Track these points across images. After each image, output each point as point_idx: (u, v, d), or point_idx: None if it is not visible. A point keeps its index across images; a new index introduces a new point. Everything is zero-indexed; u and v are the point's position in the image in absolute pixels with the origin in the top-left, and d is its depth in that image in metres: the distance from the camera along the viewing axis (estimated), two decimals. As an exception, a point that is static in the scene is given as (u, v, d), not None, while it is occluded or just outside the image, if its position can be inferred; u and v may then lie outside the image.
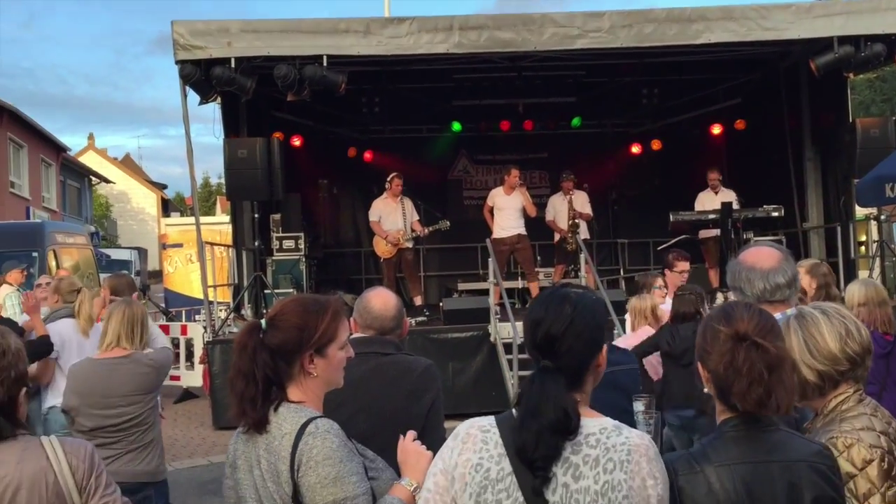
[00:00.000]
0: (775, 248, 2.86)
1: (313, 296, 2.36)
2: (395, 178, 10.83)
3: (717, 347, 1.92)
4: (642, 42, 9.05)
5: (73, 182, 34.48)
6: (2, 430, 2.11)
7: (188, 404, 10.64)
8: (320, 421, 2.10)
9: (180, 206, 55.59)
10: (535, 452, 1.76)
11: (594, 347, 1.88)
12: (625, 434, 1.79)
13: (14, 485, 2.08)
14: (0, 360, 2.11)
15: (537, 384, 1.82)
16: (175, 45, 8.81)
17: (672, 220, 10.58)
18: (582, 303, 1.89)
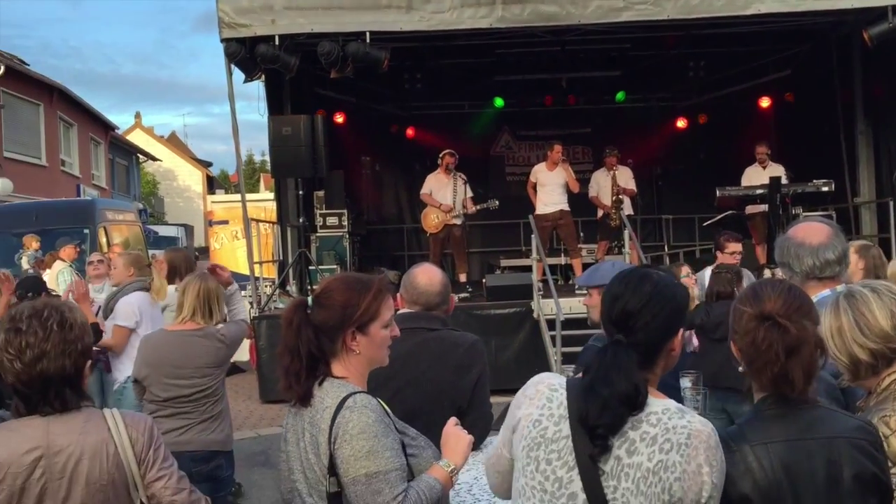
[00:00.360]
0: (825, 224, 2.81)
1: (358, 274, 2.41)
2: (446, 156, 10.77)
3: (742, 326, 1.92)
4: (689, 14, 8.88)
5: (122, 160, 35.10)
6: (68, 400, 2.18)
7: (235, 378, 10.83)
8: (359, 396, 2.15)
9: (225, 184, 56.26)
10: (598, 419, 1.77)
11: (670, 329, 1.88)
12: (687, 418, 1.79)
13: (77, 454, 2.14)
14: (68, 333, 2.16)
15: (609, 355, 1.82)
16: (220, 23, 8.89)
17: (718, 196, 10.39)
18: (663, 283, 1.89)
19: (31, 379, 2.12)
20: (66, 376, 2.16)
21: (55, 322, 2.16)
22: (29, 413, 2.17)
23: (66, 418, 2.17)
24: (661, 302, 1.85)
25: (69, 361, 2.15)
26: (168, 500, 2.26)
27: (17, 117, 24.07)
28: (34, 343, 2.12)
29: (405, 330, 3.12)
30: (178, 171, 47.56)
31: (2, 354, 2.13)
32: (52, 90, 25.96)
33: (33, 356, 2.11)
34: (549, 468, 1.84)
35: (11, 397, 3.73)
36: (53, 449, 2.13)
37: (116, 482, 2.19)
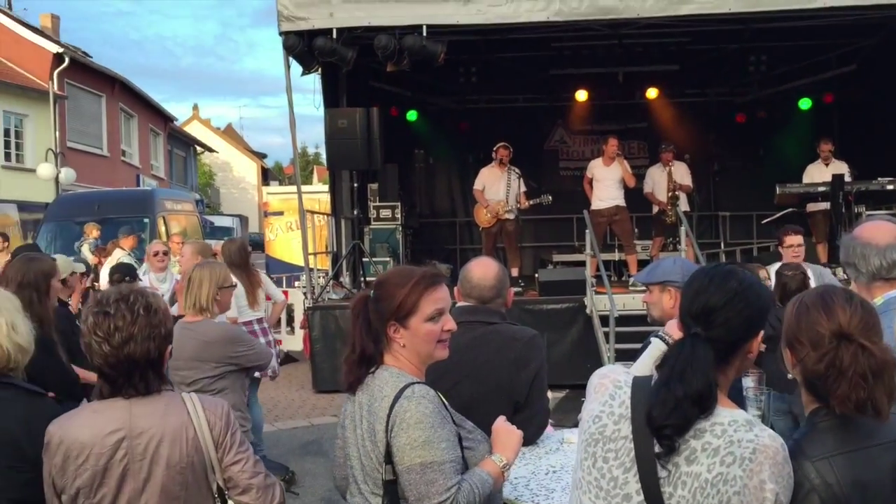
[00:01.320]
0: (893, 223, 2.72)
1: (408, 267, 2.40)
2: (500, 148, 10.71)
3: (818, 342, 1.82)
4: (753, 7, 8.69)
5: (180, 151, 35.82)
6: (151, 383, 2.24)
7: (289, 367, 10.99)
8: (417, 386, 2.16)
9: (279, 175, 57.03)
10: (668, 419, 1.71)
11: (751, 329, 1.81)
12: (755, 432, 1.71)
13: (158, 436, 2.20)
14: (153, 317, 2.23)
15: (688, 349, 1.77)
16: (279, 16, 8.99)
17: (779, 193, 10.17)
18: (749, 281, 1.84)
19: (118, 361, 2.18)
20: (151, 359, 2.22)
21: (141, 306, 2.22)
22: (112, 395, 2.23)
23: (147, 401, 2.23)
24: (745, 300, 1.80)
25: (154, 345, 2.21)
26: (244, 484, 2.30)
27: (80, 108, 24.74)
28: (122, 326, 2.18)
29: (463, 323, 3.12)
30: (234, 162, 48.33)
31: (90, 337, 2.19)
32: (113, 82, 26.60)
33: (121, 339, 2.17)
34: (605, 466, 1.82)
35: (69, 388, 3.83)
36: (136, 431, 2.19)
37: (195, 465, 2.24)
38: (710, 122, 13.66)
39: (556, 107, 13.85)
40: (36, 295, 3.78)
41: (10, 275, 3.86)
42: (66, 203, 15.15)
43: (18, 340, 2.47)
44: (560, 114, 14.16)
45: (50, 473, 2.21)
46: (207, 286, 4.19)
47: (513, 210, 10.63)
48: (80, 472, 2.16)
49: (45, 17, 28.32)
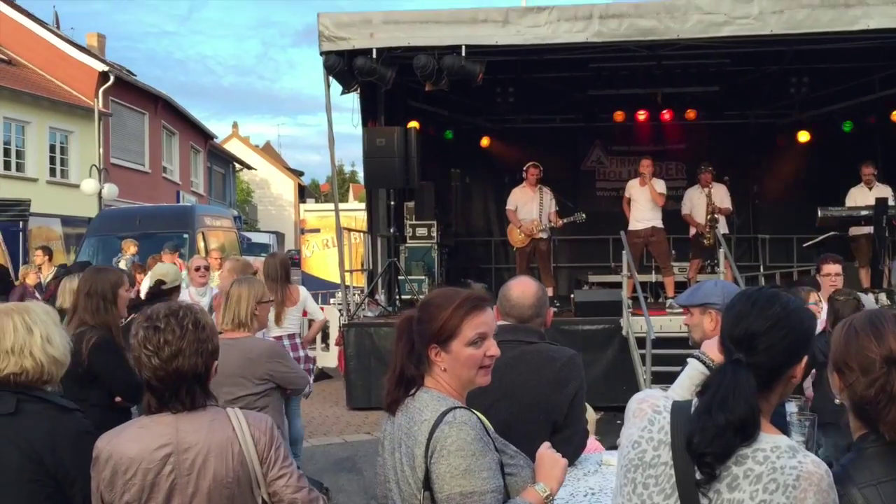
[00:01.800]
0: None
1: (450, 289, 2.34)
2: (530, 168, 10.73)
3: (868, 367, 1.79)
4: (794, 29, 8.62)
5: (219, 168, 36.36)
6: (197, 398, 2.27)
7: (323, 384, 11.04)
8: (459, 411, 2.09)
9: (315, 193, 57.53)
10: (709, 446, 1.69)
11: (794, 354, 1.79)
12: (798, 458, 1.68)
13: (205, 452, 2.22)
14: (201, 332, 2.27)
15: (729, 376, 1.75)
16: (321, 36, 9.11)
17: (820, 216, 10.02)
18: (792, 306, 1.82)
19: (166, 375, 2.22)
20: (198, 374, 2.25)
21: (190, 322, 2.26)
22: (159, 410, 2.26)
23: (194, 416, 2.26)
24: (789, 325, 1.77)
25: (201, 360, 2.25)
26: (289, 499, 2.32)
27: (123, 125, 25.26)
28: (171, 340, 2.22)
29: (502, 342, 3.12)
30: (272, 179, 48.87)
31: (140, 350, 2.23)
32: (156, 100, 27.12)
33: (170, 353, 2.21)
34: (645, 492, 1.80)
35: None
36: (183, 446, 2.21)
37: (241, 480, 2.25)
38: (750, 143, 13.53)
39: (594, 127, 13.84)
40: (103, 303, 4.00)
41: (80, 285, 4.09)
42: (108, 218, 15.44)
43: (53, 353, 2.49)
44: (597, 134, 14.15)
45: (98, 488, 2.23)
46: (246, 302, 4.23)
47: (546, 229, 10.61)
48: (127, 487, 2.19)
49: (92, 37, 29.03)
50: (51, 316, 2.59)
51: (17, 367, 2.41)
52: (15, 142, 21.35)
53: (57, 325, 2.58)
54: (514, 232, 10.82)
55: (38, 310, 2.57)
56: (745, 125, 13.63)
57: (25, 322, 2.47)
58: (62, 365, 2.52)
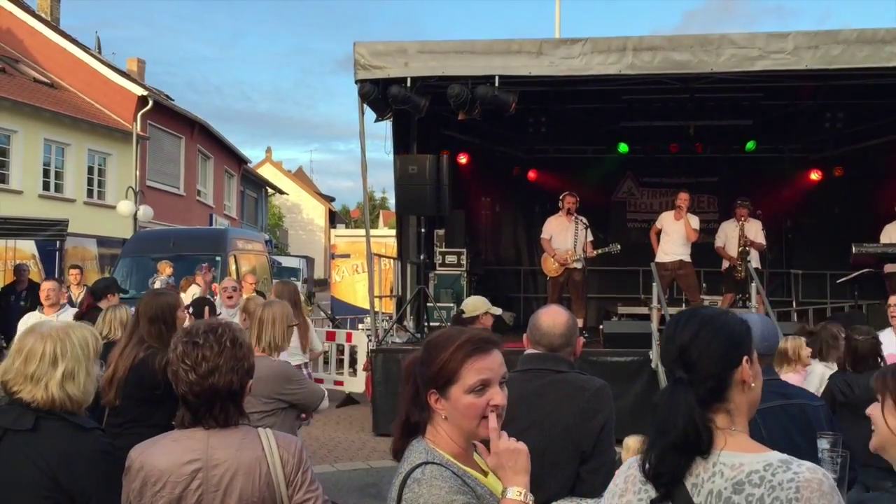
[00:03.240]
0: None
1: (455, 328, 2.16)
2: (566, 197, 10.71)
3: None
4: (829, 64, 8.59)
5: (251, 192, 36.81)
6: (230, 416, 2.30)
7: (350, 409, 11.05)
8: (429, 467, 1.92)
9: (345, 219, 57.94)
10: (660, 466, 1.76)
11: (729, 357, 1.82)
12: (793, 469, 1.68)
13: (233, 470, 2.25)
14: (238, 350, 2.31)
15: (668, 395, 1.81)
16: (356, 65, 9.25)
17: (854, 252, 9.90)
18: (712, 313, 1.88)
19: (202, 390, 2.26)
20: (233, 391, 2.29)
21: (228, 339, 2.31)
22: (193, 425, 2.30)
23: (225, 433, 2.29)
24: (712, 330, 1.83)
25: (236, 377, 2.29)
26: None
27: (160, 149, 25.71)
28: (209, 356, 2.26)
29: (531, 371, 3.14)
30: (303, 204, 49.33)
31: (178, 365, 2.28)
32: (193, 124, 27.60)
33: (207, 369, 2.25)
34: None
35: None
36: (212, 462, 2.25)
37: (266, 500, 2.27)
38: (783, 178, 13.46)
39: (625, 158, 13.83)
40: (164, 327, 4.10)
41: (141, 310, 4.18)
42: (143, 239, 15.67)
43: (71, 390, 2.43)
44: (629, 165, 14.14)
45: (127, 498, 2.27)
46: (281, 325, 4.29)
47: (580, 259, 10.57)
48: (156, 499, 2.22)
49: (132, 62, 29.69)
50: (90, 348, 2.53)
51: (30, 395, 2.39)
52: (55, 163, 21.81)
53: (90, 360, 2.52)
54: (547, 261, 10.79)
55: (77, 340, 2.50)
56: (779, 159, 13.56)
57: (55, 353, 2.43)
58: (80, 402, 2.48)
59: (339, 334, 12.01)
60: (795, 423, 2.99)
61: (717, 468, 1.73)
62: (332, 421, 10.19)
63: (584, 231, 10.59)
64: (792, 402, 3.03)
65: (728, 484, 1.70)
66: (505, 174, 13.91)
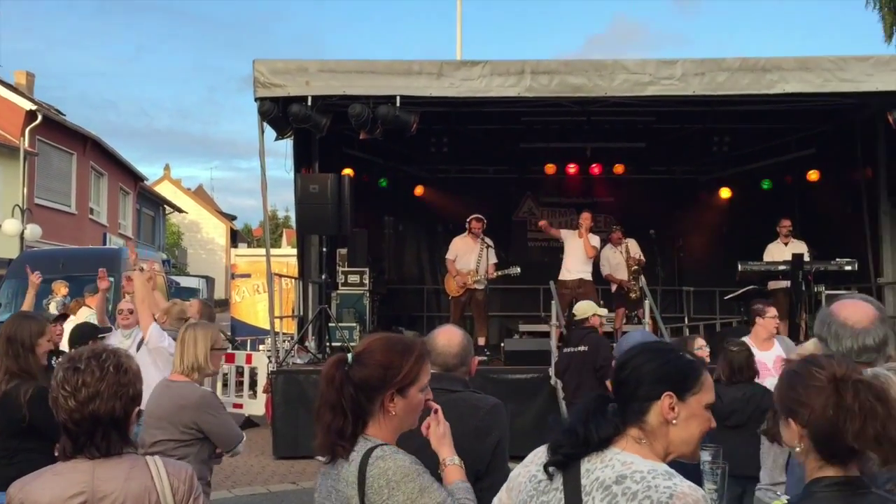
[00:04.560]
0: (871, 306, 2.72)
1: (400, 336, 2.44)
2: (473, 220, 10.92)
3: (818, 393, 1.88)
4: (715, 90, 9.02)
5: (149, 210, 35.67)
6: (113, 444, 2.22)
7: (249, 432, 10.75)
8: (385, 446, 2.18)
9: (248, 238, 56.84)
10: (562, 447, 1.94)
11: (650, 389, 1.93)
12: (675, 480, 1.81)
13: (121, 500, 2.18)
14: (122, 376, 2.24)
15: (591, 398, 2.01)
16: (256, 82, 9.12)
17: (740, 270, 10.39)
18: (656, 348, 2.03)
19: (82, 418, 2.17)
20: (115, 419, 2.21)
21: (112, 365, 2.24)
22: (75, 454, 2.21)
23: (111, 463, 2.21)
24: (644, 360, 1.96)
25: (119, 404, 2.21)
26: None
27: (50, 165, 24.62)
28: (90, 382, 2.18)
29: (426, 390, 3.16)
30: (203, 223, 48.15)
31: (58, 391, 2.19)
32: (86, 140, 26.57)
33: (87, 395, 2.17)
34: None
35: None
36: (98, 494, 2.17)
37: None
38: (675, 198, 13.99)
39: (526, 179, 14.12)
40: (22, 349, 3.93)
41: (3, 329, 4.03)
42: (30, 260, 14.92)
43: None
44: (529, 186, 14.43)
45: None
46: (203, 346, 4.15)
47: (482, 280, 10.73)
48: None
49: (20, 75, 28.35)
50: None
51: None
52: (-67, 179, 20.59)
53: None
54: (450, 281, 10.93)
55: None
56: (671, 180, 14.10)
57: None
58: None
59: (239, 356, 11.74)
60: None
61: (611, 462, 1.88)
62: (230, 445, 9.91)
63: (489, 252, 10.78)
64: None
65: (613, 475, 1.84)
66: (407, 193, 13.97)
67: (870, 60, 8.98)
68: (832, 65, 8.92)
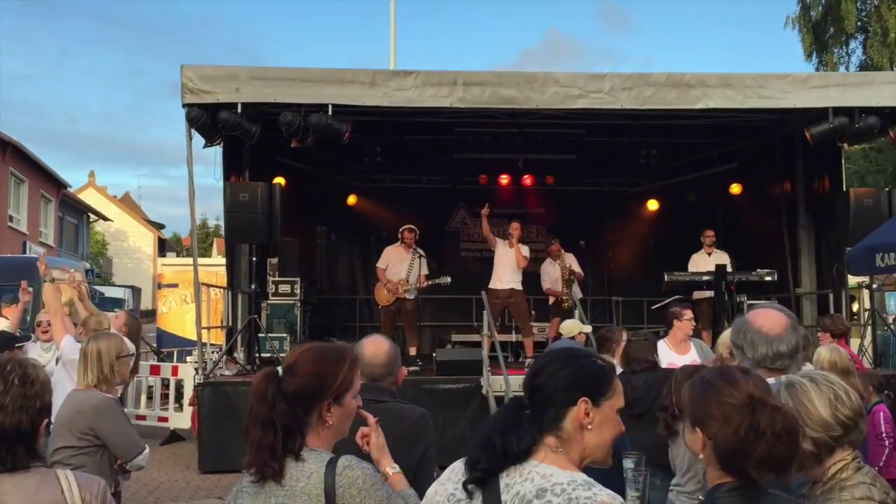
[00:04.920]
0: (784, 315, 2.82)
1: (329, 344, 2.39)
2: (405, 231, 10.93)
3: (729, 414, 1.92)
4: (642, 105, 9.23)
5: (72, 218, 34.58)
6: (19, 458, 2.14)
7: (175, 446, 10.54)
8: (346, 456, 2.17)
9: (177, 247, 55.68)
10: (477, 462, 1.89)
11: (566, 396, 1.92)
12: (594, 490, 1.80)
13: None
14: (28, 388, 2.16)
15: (504, 408, 1.97)
16: (184, 88, 8.95)
17: (666, 280, 10.64)
18: (568, 354, 2.01)
19: None
20: (21, 432, 2.14)
21: (17, 377, 2.16)
22: None
23: (19, 478, 2.13)
24: (558, 367, 1.96)
25: (26, 417, 2.14)
26: None
27: (-34, 170, 23.66)
28: None
29: (352, 401, 3.14)
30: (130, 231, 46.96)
31: None
32: (5, 146, 25.66)
33: None
34: None
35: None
36: None
37: None
38: (604, 210, 14.24)
39: (459, 189, 14.18)
40: None
41: None
42: (-58, 268, 14.31)
43: None
44: (462, 196, 14.50)
45: None
46: (107, 357, 4.06)
47: (412, 290, 10.72)
48: None
49: (-65, 76, 27.25)
50: None
51: None
52: None
53: None
54: (380, 290, 10.90)
55: None
56: (600, 192, 14.35)
57: None
58: None
59: (165, 368, 11.48)
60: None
61: (529, 475, 1.85)
62: (154, 460, 9.64)
63: (421, 263, 10.79)
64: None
65: (534, 489, 1.81)
66: (340, 203, 13.88)
67: (788, 78, 9.33)
68: (753, 82, 9.23)
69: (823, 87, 9.38)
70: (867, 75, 14.32)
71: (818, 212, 11.69)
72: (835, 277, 11.17)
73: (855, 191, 10.60)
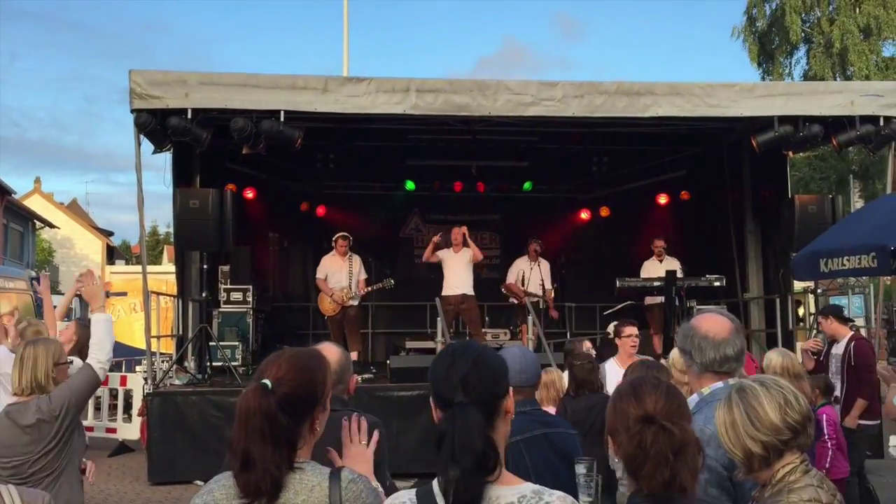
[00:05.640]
0: (728, 319, 2.87)
1: (302, 349, 2.27)
2: (339, 239, 10.95)
3: (627, 427, 1.97)
4: (593, 112, 9.32)
5: (16, 226, 33.76)
6: None
7: (124, 458, 10.34)
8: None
9: (126, 254, 54.62)
10: (465, 494, 1.76)
11: (500, 386, 1.92)
12: (545, 499, 1.80)
13: None
14: None
15: (459, 418, 1.81)
16: (132, 93, 8.79)
17: (618, 286, 10.78)
18: (482, 349, 1.99)
19: None
20: None
21: None
22: None
23: None
24: (486, 361, 1.93)
25: None
26: None
27: None
28: None
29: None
30: (77, 239, 45.94)
31: None
32: (-54, 150, 24.92)
33: None
34: None
35: None
36: None
37: None
38: (557, 217, 14.36)
39: (412, 196, 14.17)
40: None
41: None
42: None
43: None
44: (415, 203, 14.50)
45: None
46: (43, 363, 3.94)
47: (355, 297, 10.75)
48: None
49: None
50: None
51: None
52: None
53: None
54: (324, 300, 10.90)
55: None
56: (553, 199, 14.47)
57: None
58: None
59: (113, 378, 11.24)
60: (556, 450, 3.17)
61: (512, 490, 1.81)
62: (102, 472, 9.44)
63: (359, 268, 10.82)
64: (552, 431, 3.21)
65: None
66: (293, 210, 13.77)
67: (735, 87, 9.52)
68: (701, 91, 9.40)
69: (769, 96, 9.59)
70: (811, 85, 14.71)
71: (764, 218, 11.95)
72: (781, 283, 11.43)
73: (800, 198, 10.86)
